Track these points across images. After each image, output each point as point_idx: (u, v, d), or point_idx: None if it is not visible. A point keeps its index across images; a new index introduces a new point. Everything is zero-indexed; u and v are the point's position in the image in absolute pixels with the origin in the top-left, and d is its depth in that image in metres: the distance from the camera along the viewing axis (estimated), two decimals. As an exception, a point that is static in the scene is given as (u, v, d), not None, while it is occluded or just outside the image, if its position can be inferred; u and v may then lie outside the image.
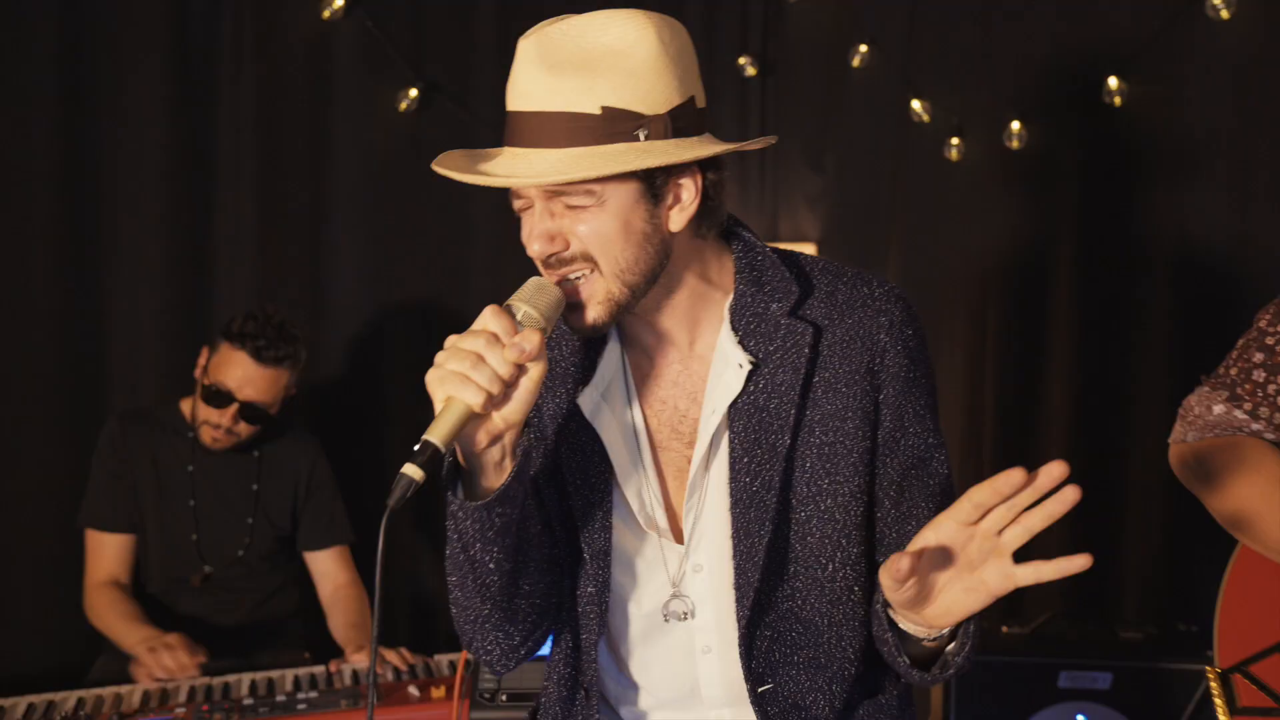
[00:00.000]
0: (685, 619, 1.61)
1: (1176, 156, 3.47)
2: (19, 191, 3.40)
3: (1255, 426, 1.80)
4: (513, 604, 1.55)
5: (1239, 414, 1.81)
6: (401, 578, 3.58)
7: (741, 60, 3.54)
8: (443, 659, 2.76)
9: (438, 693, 2.50)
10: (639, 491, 1.59)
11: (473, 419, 1.38)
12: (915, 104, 3.50)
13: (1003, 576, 1.33)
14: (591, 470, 1.59)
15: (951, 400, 3.58)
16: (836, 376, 1.54)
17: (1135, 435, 3.50)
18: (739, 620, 1.56)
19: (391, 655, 2.74)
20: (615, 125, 1.42)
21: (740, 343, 1.54)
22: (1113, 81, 3.39)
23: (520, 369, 1.39)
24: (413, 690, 2.52)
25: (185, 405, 3.01)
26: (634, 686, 1.68)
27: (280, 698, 2.53)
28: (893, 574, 1.34)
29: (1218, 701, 1.84)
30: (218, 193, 3.49)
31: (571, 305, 1.48)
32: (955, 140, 3.50)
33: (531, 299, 1.44)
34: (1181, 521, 3.38)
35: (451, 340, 1.39)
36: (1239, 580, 1.88)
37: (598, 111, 1.41)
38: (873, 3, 3.54)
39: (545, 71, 1.42)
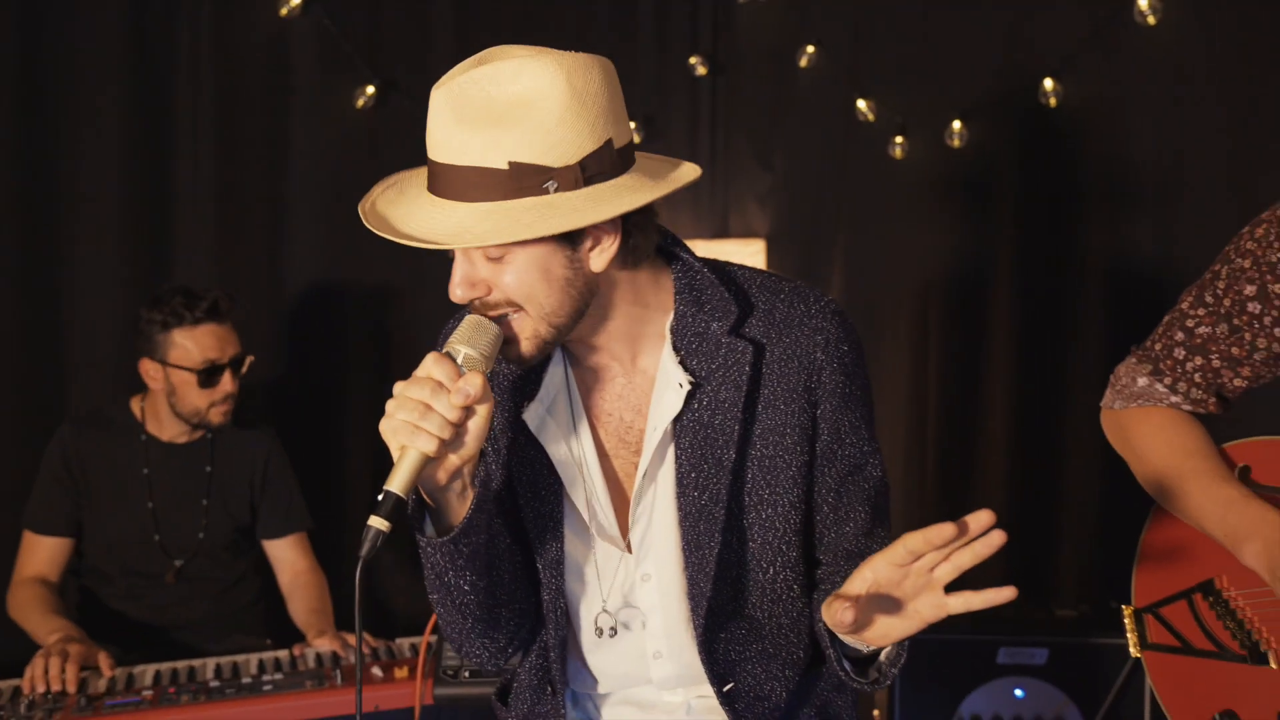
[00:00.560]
0: (628, 629, 1.67)
1: (1111, 159, 3.58)
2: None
3: (1174, 399, 1.94)
4: (493, 614, 1.62)
5: (1160, 387, 1.94)
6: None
7: (692, 60, 3.62)
8: (404, 642, 2.82)
9: (400, 673, 2.56)
10: (588, 501, 1.64)
11: (429, 462, 1.43)
12: (861, 104, 3.60)
13: (935, 607, 1.41)
14: (541, 483, 1.64)
15: (895, 392, 3.69)
16: (776, 394, 1.60)
17: (1072, 425, 3.63)
18: (696, 628, 1.63)
19: (353, 640, 2.79)
20: (523, 180, 1.41)
21: (682, 363, 1.58)
22: (1048, 83, 3.50)
23: (468, 410, 1.43)
24: (376, 671, 2.58)
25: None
26: (593, 679, 1.75)
27: (246, 680, 2.57)
28: (835, 623, 1.43)
29: (1130, 637, 1.98)
30: (176, 189, 3.51)
31: (505, 340, 1.50)
32: (899, 139, 3.61)
33: (470, 339, 1.46)
34: (1113, 510, 3.53)
35: (399, 388, 1.43)
36: (1156, 530, 2.01)
37: (505, 167, 1.41)
38: (819, 4, 3.63)
39: (455, 124, 1.42)
